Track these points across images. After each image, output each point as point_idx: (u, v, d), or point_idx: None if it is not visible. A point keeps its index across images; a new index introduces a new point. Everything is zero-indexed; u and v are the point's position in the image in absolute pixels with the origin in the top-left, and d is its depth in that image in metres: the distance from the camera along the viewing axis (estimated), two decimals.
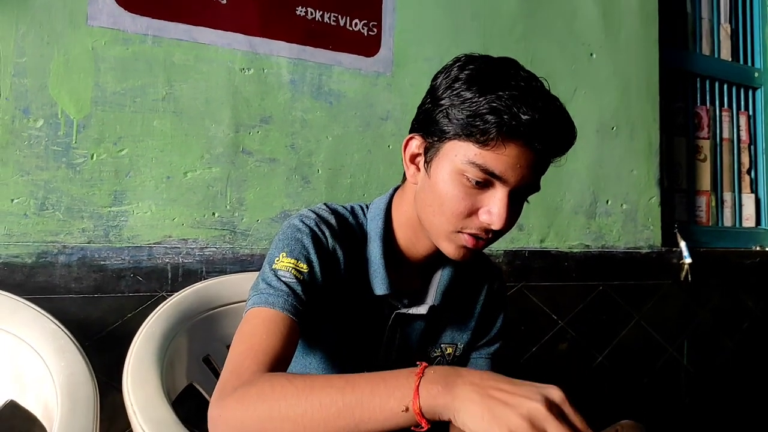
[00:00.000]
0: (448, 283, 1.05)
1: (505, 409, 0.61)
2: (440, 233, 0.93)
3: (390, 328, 1.02)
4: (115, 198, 1.37)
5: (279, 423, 0.71)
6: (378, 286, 0.98)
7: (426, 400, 0.66)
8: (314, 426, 0.70)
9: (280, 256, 0.93)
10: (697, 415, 2.24)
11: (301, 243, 0.94)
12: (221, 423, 0.75)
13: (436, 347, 1.07)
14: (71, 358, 1.08)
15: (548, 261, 1.95)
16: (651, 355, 2.16)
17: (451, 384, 0.65)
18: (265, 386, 0.75)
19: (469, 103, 0.85)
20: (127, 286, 1.36)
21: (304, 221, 0.97)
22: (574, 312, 2.00)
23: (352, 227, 1.02)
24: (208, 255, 1.45)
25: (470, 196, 0.88)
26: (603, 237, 2.08)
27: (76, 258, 1.32)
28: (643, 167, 2.16)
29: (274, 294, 0.88)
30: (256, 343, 0.83)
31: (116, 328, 1.34)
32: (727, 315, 2.35)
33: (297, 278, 0.91)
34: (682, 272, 2.20)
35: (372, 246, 1.00)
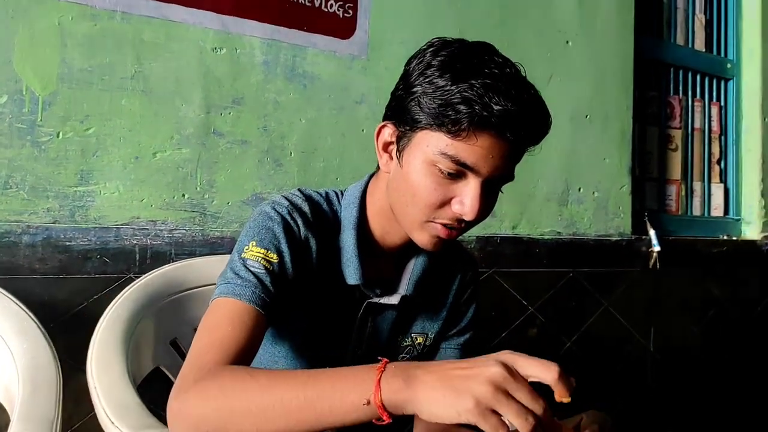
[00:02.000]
0: (421, 273, 1.04)
1: (466, 382, 0.62)
2: (412, 223, 0.92)
3: (361, 317, 1.01)
4: (81, 177, 1.35)
5: (240, 418, 0.71)
6: (350, 275, 0.97)
7: (387, 393, 0.65)
8: (276, 420, 0.70)
9: (250, 245, 0.91)
10: (662, 400, 2.28)
11: (272, 232, 0.92)
12: (181, 417, 0.74)
13: (406, 336, 1.07)
14: (34, 340, 1.06)
15: (520, 247, 1.97)
16: (619, 342, 2.20)
17: (411, 377, 0.65)
18: (226, 380, 0.74)
19: (441, 92, 0.83)
20: (94, 268, 1.34)
21: (277, 209, 0.95)
22: (544, 298, 2.02)
23: (325, 215, 1.00)
24: (178, 237, 1.43)
25: (442, 186, 0.87)
26: (574, 224, 2.10)
27: (40, 238, 1.30)
28: (615, 156, 2.18)
29: (241, 285, 0.86)
30: (220, 335, 0.82)
31: (82, 310, 1.32)
32: (694, 303, 2.39)
33: (266, 269, 0.89)
34: (650, 260, 2.23)
35: (345, 235, 0.99)
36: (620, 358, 2.19)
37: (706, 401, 2.40)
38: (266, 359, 1.01)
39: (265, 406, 0.70)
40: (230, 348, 0.81)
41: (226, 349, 0.80)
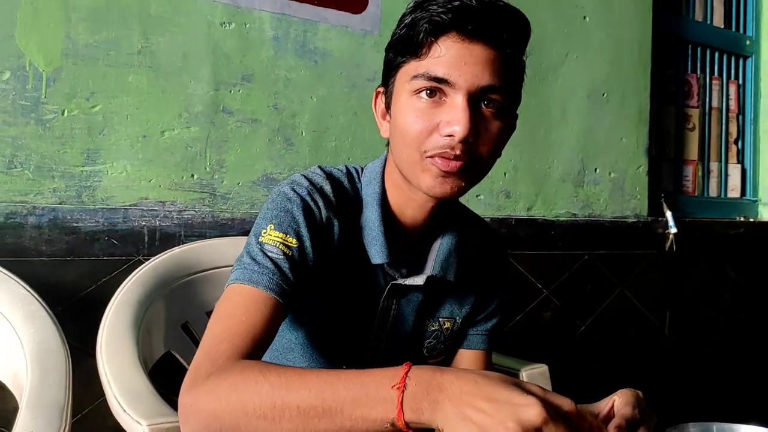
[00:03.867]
0: (448, 252, 0.98)
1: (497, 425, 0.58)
2: (413, 167, 0.86)
3: (385, 300, 0.96)
4: (87, 157, 1.31)
5: (254, 420, 0.67)
6: (376, 254, 0.92)
7: (410, 415, 0.62)
8: (291, 424, 0.66)
9: (268, 228, 0.86)
10: (677, 383, 2.25)
11: (291, 215, 0.87)
12: (192, 414, 0.71)
13: (433, 321, 1.02)
14: (41, 324, 1.03)
15: (534, 229, 1.92)
16: (633, 325, 2.16)
17: (433, 401, 0.62)
18: (238, 378, 0.70)
19: (406, 22, 0.83)
20: (102, 250, 1.31)
21: (296, 190, 0.90)
22: (559, 281, 1.98)
23: (347, 193, 0.96)
24: (187, 218, 1.40)
25: (426, 113, 0.83)
26: (590, 206, 2.05)
27: (47, 219, 1.26)
28: (632, 135, 2.13)
29: (258, 271, 0.82)
30: (234, 324, 0.78)
31: (90, 293, 1.29)
32: (710, 285, 2.35)
33: (285, 254, 0.84)
34: (667, 242, 2.19)
35: (369, 212, 0.94)
36: (636, 342, 2.16)
37: (722, 384, 2.37)
38: (281, 345, 0.97)
39: (280, 409, 0.67)
40: (244, 338, 0.77)
41: (239, 339, 0.77)
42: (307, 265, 0.87)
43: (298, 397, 0.66)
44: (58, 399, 0.92)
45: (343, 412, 0.64)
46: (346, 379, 0.66)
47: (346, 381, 0.66)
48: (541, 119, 1.93)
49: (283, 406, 0.66)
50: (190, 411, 0.71)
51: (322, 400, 0.65)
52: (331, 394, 0.65)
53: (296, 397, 0.66)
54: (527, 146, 1.90)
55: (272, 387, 0.68)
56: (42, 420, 0.84)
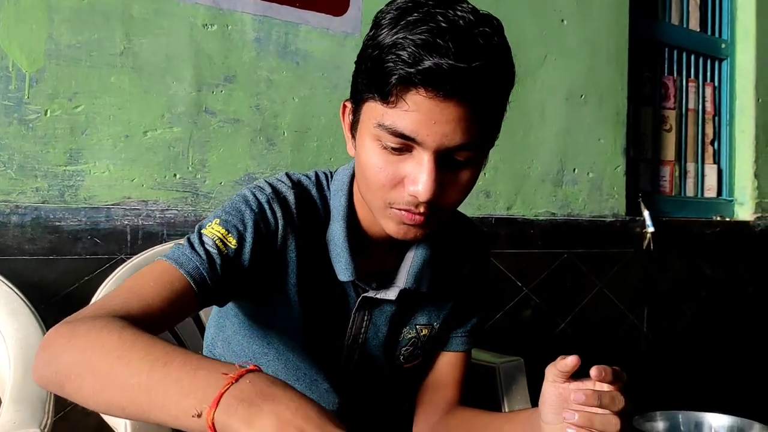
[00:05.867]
0: (422, 263, 0.94)
1: None
2: (376, 210, 0.83)
3: (356, 312, 0.94)
4: (70, 156, 1.32)
5: (85, 370, 0.64)
6: (341, 271, 0.90)
7: (221, 414, 0.54)
8: (111, 391, 0.62)
9: (213, 222, 0.84)
10: (655, 380, 2.29)
11: (240, 216, 0.85)
12: (42, 347, 0.69)
13: (410, 328, 0.99)
14: (24, 321, 1.04)
15: (514, 228, 1.96)
16: (612, 322, 2.20)
17: (255, 408, 0.53)
18: (95, 327, 0.66)
19: (377, 52, 0.74)
20: (84, 249, 1.32)
21: (256, 194, 0.87)
22: (539, 279, 2.01)
23: (314, 203, 0.92)
24: (170, 217, 1.41)
25: (391, 164, 0.78)
26: (569, 205, 2.09)
27: (29, 218, 1.27)
28: (610, 136, 2.17)
29: (187, 255, 0.80)
30: (138, 288, 0.76)
31: (73, 291, 1.30)
32: (687, 283, 2.40)
33: (219, 250, 0.81)
34: (644, 241, 2.23)
35: (335, 227, 0.91)
36: (614, 339, 2.20)
37: (697, 377, 2.41)
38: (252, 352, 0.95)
39: (109, 370, 0.62)
40: (139, 303, 0.73)
41: (134, 302, 0.73)
42: (240, 270, 0.84)
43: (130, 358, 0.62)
44: (41, 393, 0.93)
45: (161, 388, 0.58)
46: (185, 359, 0.61)
47: (184, 360, 0.60)
48: (520, 120, 1.97)
49: (115, 364, 0.62)
50: (42, 344, 0.69)
51: (151, 368, 0.60)
52: (163, 366, 0.60)
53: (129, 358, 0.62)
54: (507, 147, 1.93)
55: (119, 343, 0.63)
56: (25, 412, 0.86)
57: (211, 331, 1.04)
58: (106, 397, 0.63)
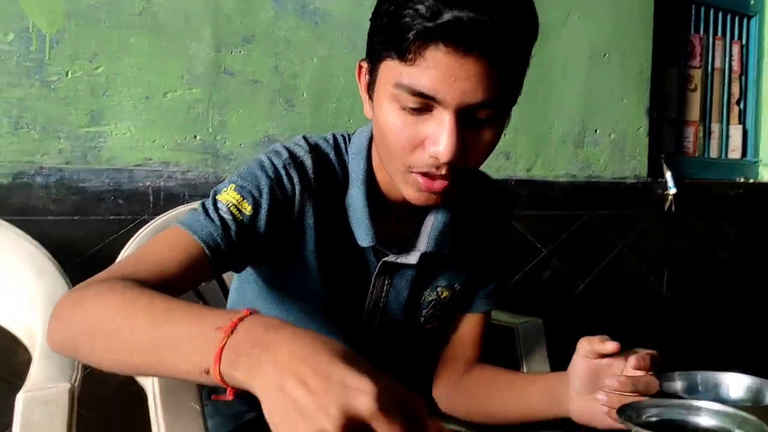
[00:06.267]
0: (443, 226, 0.92)
1: (296, 418, 0.48)
2: (395, 175, 0.82)
3: (377, 277, 0.93)
4: (92, 118, 1.33)
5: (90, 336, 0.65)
6: (361, 237, 0.88)
7: (226, 369, 0.53)
8: (121, 351, 0.62)
9: (229, 188, 0.83)
10: (674, 341, 2.29)
11: (256, 182, 0.84)
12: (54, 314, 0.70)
13: (431, 291, 0.99)
14: (52, 280, 1.06)
15: (534, 190, 1.95)
16: (632, 284, 2.19)
17: (254, 360, 0.51)
18: (102, 290, 0.66)
19: (395, 6, 0.71)
20: (108, 209, 1.34)
21: (273, 160, 0.86)
22: (558, 241, 2.01)
23: (332, 167, 0.90)
24: (190, 179, 1.42)
25: (410, 125, 0.75)
26: (590, 167, 2.07)
27: (54, 179, 1.29)
28: (633, 96, 2.13)
29: (201, 222, 0.79)
30: (152, 254, 0.76)
31: (98, 252, 1.32)
32: (708, 245, 2.38)
33: (234, 217, 0.81)
34: (666, 203, 2.21)
35: (354, 191, 0.89)
36: (634, 300, 2.19)
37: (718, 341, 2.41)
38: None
39: (115, 331, 0.62)
40: (152, 268, 0.73)
41: (146, 266, 0.73)
42: (255, 237, 0.83)
43: (135, 318, 0.62)
44: None
45: (168, 345, 0.58)
46: (185, 312, 0.60)
47: (184, 314, 0.60)
48: (542, 80, 1.94)
49: (121, 324, 0.62)
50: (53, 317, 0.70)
51: (155, 327, 0.60)
52: (165, 323, 0.60)
53: (134, 318, 0.62)
54: (528, 107, 1.91)
55: (122, 301, 0.64)
56: (55, 369, 0.88)
57: (233, 295, 1.06)
58: (117, 358, 0.64)
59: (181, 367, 0.57)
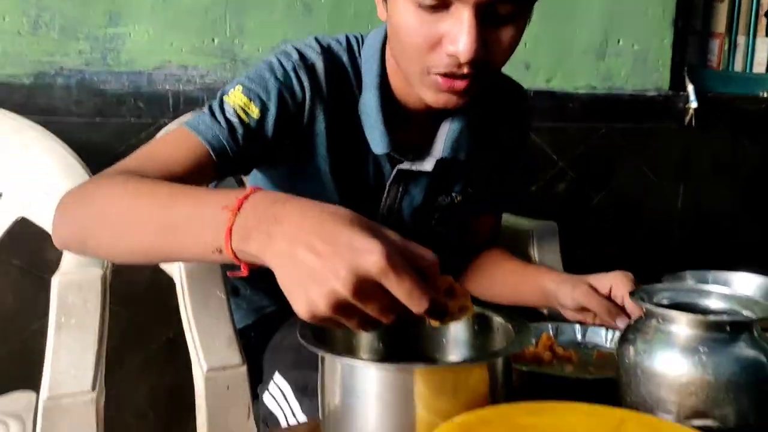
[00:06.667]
0: (460, 131, 0.90)
1: (308, 283, 0.48)
2: (413, 78, 0.79)
3: (392, 184, 0.93)
4: (110, 19, 1.32)
5: (101, 223, 0.65)
6: (375, 143, 0.87)
7: (238, 245, 0.53)
8: (130, 238, 0.62)
9: (236, 89, 0.82)
10: (686, 257, 2.31)
11: (264, 84, 0.82)
12: (57, 212, 0.71)
13: (446, 196, 0.98)
14: (79, 178, 1.09)
15: (553, 101, 1.92)
16: (647, 198, 2.19)
17: (264, 235, 0.52)
18: (106, 182, 0.67)
19: None
20: (129, 112, 1.35)
21: (282, 62, 0.84)
22: (576, 153, 2.00)
23: (345, 71, 0.88)
24: (209, 83, 1.42)
25: (427, 24, 0.73)
26: (611, 78, 2.03)
27: (74, 80, 1.30)
28: (659, 6, 2.07)
29: (207, 123, 0.79)
30: (157, 153, 0.76)
31: (120, 154, 1.30)
32: (727, 161, 2.35)
33: (241, 120, 0.80)
34: (686, 116, 2.18)
35: (368, 96, 0.87)
36: (648, 214, 2.20)
37: (732, 255, 2.43)
38: None
39: (121, 219, 0.63)
40: (156, 166, 0.73)
41: (150, 163, 0.73)
42: (263, 141, 0.82)
43: (141, 205, 0.62)
44: None
45: (177, 228, 0.59)
46: (189, 195, 0.60)
47: (188, 196, 0.60)
48: None
49: (128, 213, 0.62)
50: (56, 214, 0.71)
51: (162, 211, 0.60)
52: (171, 207, 0.60)
53: (140, 205, 0.62)
54: (549, 15, 1.86)
55: (126, 193, 0.64)
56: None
57: None
58: (127, 246, 0.64)
59: (192, 249, 0.58)
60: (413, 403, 0.52)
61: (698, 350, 0.55)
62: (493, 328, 0.63)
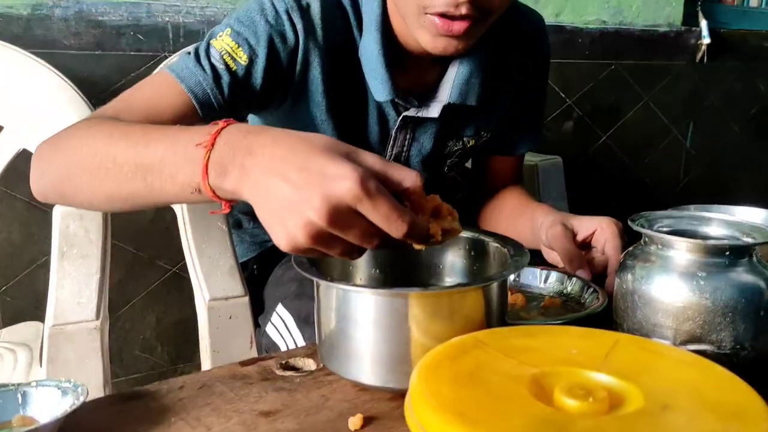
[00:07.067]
0: (468, 74, 0.85)
1: (284, 214, 0.48)
2: (410, 19, 0.74)
3: (398, 131, 0.89)
4: None
5: (78, 171, 0.62)
6: (377, 89, 0.82)
7: (215, 181, 0.52)
8: (108, 184, 0.60)
9: (225, 32, 0.77)
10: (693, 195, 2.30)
11: (254, 28, 0.77)
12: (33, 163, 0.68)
13: (456, 141, 0.94)
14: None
15: (562, 36, 1.88)
16: (655, 137, 2.17)
17: (239, 168, 0.51)
18: (80, 127, 0.64)
19: None
20: (128, 44, 1.33)
21: (274, 2, 0.78)
22: (583, 90, 1.97)
23: (344, 12, 0.82)
24: (209, 15, 1.39)
25: None
26: (622, 13, 1.98)
27: (72, 12, 1.27)
28: None
29: (190, 69, 0.74)
30: (134, 99, 0.73)
31: (120, 87, 1.32)
32: (738, 99, 2.31)
33: (227, 66, 0.75)
34: (698, 53, 2.13)
35: (367, 40, 0.81)
36: (655, 153, 2.18)
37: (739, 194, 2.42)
38: None
39: (99, 160, 0.60)
40: (133, 114, 0.69)
41: (127, 112, 0.69)
42: (251, 89, 0.78)
43: (115, 148, 0.60)
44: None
45: (152, 169, 0.56)
46: (162, 134, 0.58)
47: (161, 135, 0.58)
48: None
49: (103, 157, 0.60)
50: (33, 166, 0.69)
51: (136, 153, 0.58)
52: (144, 147, 0.58)
53: (114, 148, 0.60)
54: None
55: (101, 136, 0.62)
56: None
57: None
58: (106, 192, 0.62)
59: (170, 190, 0.56)
60: (408, 326, 0.52)
61: (696, 275, 0.55)
62: (489, 252, 0.63)
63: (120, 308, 1.42)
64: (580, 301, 0.76)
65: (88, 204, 0.66)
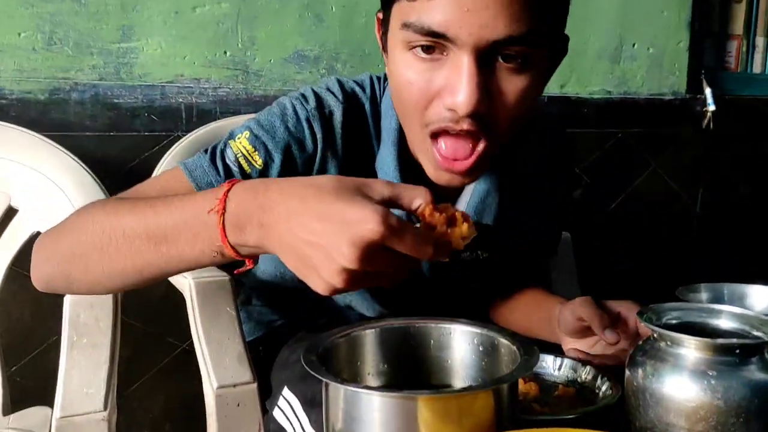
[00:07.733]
0: (485, 193, 0.83)
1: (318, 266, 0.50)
2: (415, 145, 0.74)
3: None
4: (123, 33, 1.33)
5: (87, 249, 0.62)
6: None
7: (235, 240, 0.54)
8: (121, 259, 0.60)
9: (243, 134, 0.77)
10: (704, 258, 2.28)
11: (273, 133, 0.77)
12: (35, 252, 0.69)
13: (470, 253, 0.92)
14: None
15: (567, 107, 1.91)
16: (665, 203, 2.17)
17: (257, 225, 0.53)
18: (84, 210, 0.65)
19: None
20: (143, 125, 1.36)
21: (297, 109, 0.78)
22: (591, 159, 1.98)
23: (365, 123, 0.82)
24: (222, 95, 1.43)
25: (423, 73, 0.66)
26: (626, 83, 2.01)
27: (88, 95, 1.31)
28: (675, 8, 2.04)
29: (204, 168, 0.75)
30: (146, 191, 0.74)
31: (134, 167, 1.35)
32: (746, 164, 2.32)
33: (242, 168, 0.75)
34: (704, 120, 2.15)
35: (384, 153, 0.80)
36: (665, 219, 2.18)
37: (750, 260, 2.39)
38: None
39: (108, 236, 0.60)
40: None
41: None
42: None
43: (122, 223, 0.60)
44: None
45: (167, 239, 0.57)
46: (168, 204, 0.59)
47: (168, 206, 0.59)
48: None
49: (111, 233, 0.61)
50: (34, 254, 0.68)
51: (146, 225, 0.59)
52: (154, 218, 0.59)
53: (121, 223, 0.60)
54: None
55: (105, 214, 0.63)
56: None
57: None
58: (119, 267, 0.61)
59: (188, 256, 0.58)
60: (417, 429, 0.51)
61: (707, 374, 0.55)
62: (499, 349, 0.62)
63: (129, 386, 1.41)
64: (594, 390, 0.75)
65: (97, 283, 0.65)
